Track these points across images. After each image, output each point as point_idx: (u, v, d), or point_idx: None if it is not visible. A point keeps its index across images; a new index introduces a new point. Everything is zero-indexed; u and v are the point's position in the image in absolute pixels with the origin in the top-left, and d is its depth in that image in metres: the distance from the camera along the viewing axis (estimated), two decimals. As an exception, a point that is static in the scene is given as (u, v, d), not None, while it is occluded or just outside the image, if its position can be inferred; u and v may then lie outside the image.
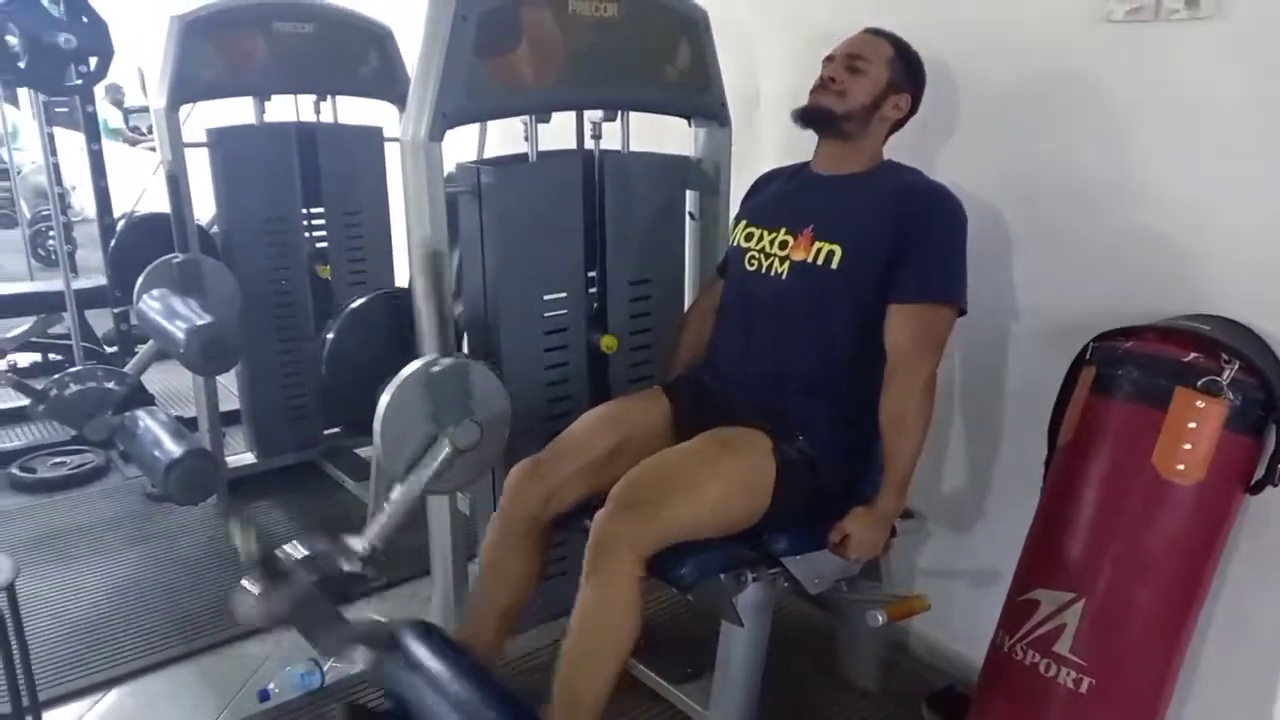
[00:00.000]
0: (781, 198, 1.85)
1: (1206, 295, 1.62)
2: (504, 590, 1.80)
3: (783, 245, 1.76)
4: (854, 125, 1.73)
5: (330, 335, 2.16)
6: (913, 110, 1.78)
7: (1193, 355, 1.46)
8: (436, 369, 1.79)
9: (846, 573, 1.75)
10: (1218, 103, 1.57)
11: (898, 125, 1.79)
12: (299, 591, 1.60)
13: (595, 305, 2.11)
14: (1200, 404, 1.44)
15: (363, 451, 3.21)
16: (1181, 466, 1.45)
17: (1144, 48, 1.64)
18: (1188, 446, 1.45)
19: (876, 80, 1.71)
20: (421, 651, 1.57)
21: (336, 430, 3.29)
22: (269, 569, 1.61)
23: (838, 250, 1.68)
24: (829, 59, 1.75)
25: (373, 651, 1.57)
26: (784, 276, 1.74)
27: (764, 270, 1.78)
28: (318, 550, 1.71)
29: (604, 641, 1.56)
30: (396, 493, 1.80)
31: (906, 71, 1.74)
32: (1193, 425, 1.44)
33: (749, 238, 1.83)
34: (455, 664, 1.54)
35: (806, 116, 1.76)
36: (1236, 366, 1.42)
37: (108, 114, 6.70)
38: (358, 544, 1.75)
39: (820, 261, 1.70)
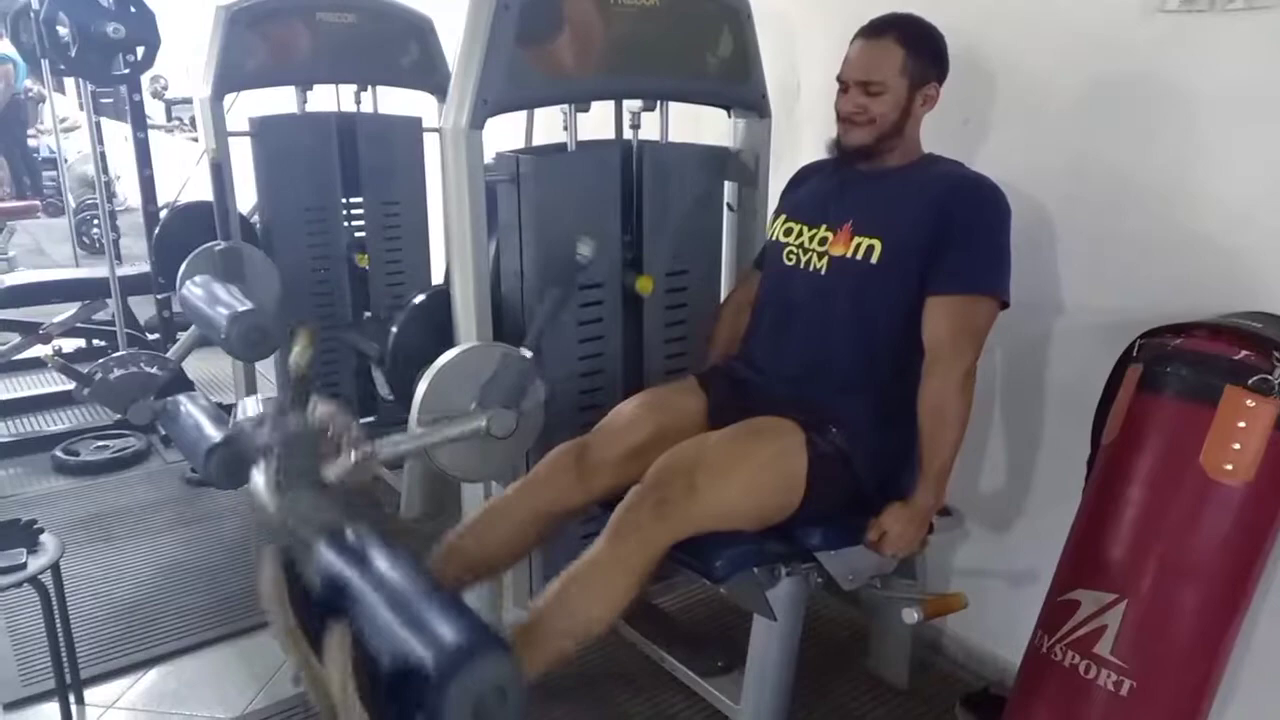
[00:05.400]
0: (821, 192, 1.83)
1: (1256, 293, 1.58)
2: (490, 544, 1.70)
3: (822, 241, 1.75)
4: (891, 140, 1.71)
5: (395, 328, 2.19)
6: (942, 81, 1.72)
7: (1243, 353, 1.43)
8: (508, 355, 1.81)
9: (881, 569, 1.74)
10: (1276, 97, 1.53)
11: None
12: (295, 431, 1.54)
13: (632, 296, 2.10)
14: (1250, 403, 1.40)
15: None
16: (1229, 466, 1.42)
17: (1198, 39, 1.61)
18: (1237, 446, 1.41)
19: (897, 92, 1.67)
20: (374, 547, 1.32)
21: (371, 419, 3.32)
22: (298, 389, 1.56)
23: (877, 245, 1.67)
24: (843, 87, 1.71)
25: (322, 529, 1.39)
26: (823, 272, 1.73)
27: (803, 265, 1.76)
28: (337, 418, 1.66)
29: (601, 596, 1.52)
30: (414, 431, 1.77)
31: (924, 61, 1.68)
32: (1242, 425, 1.41)
33: (788, 233, 1.81)
34: (406, 569, 1.28)
35: (847, 156, 1.75)
36: (1289, 365, 1.39)
37: (149, 107, 6.81)
38: (366, 444, 1.64)
39: (860, 256, 1.68)
